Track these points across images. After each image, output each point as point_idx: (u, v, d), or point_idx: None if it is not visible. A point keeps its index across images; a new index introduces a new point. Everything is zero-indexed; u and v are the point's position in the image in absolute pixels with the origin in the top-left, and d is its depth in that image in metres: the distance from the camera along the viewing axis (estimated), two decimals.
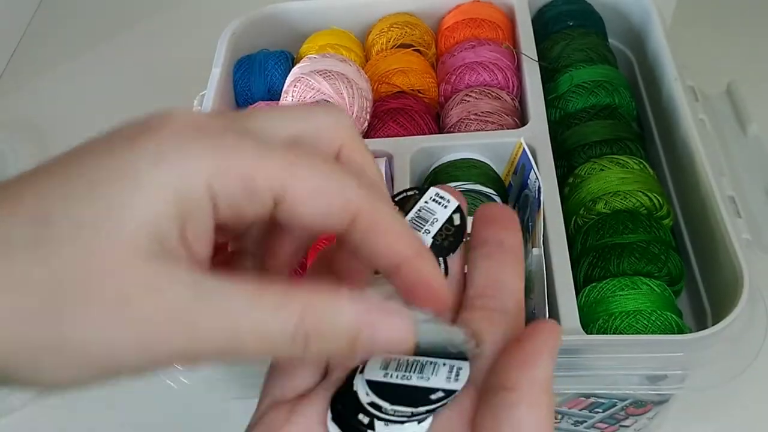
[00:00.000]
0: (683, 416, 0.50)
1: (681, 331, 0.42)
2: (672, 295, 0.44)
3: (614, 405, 0.45)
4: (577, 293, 0.44)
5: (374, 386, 0.22)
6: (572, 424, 0.48)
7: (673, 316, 0.43)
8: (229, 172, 0.19)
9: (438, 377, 0.22)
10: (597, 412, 0.47)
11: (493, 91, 0.55)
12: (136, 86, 0.82)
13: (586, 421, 0.48)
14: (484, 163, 0.52)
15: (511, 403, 0.20)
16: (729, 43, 0.74)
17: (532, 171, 0.47)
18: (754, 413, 0.51)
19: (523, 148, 0.49)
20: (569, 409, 0.46)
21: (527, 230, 0.47)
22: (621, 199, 0.47)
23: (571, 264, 0.44)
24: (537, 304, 0.43)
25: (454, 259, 0.25)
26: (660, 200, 0.48)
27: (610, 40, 0.62)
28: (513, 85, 0.56)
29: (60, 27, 0.92)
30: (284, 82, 0.55)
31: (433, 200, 0.26)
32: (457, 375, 0.22)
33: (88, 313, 0.18)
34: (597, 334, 0.43)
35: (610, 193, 0.48)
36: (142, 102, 0.80)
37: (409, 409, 0.21)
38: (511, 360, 0.21)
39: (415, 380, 0.22)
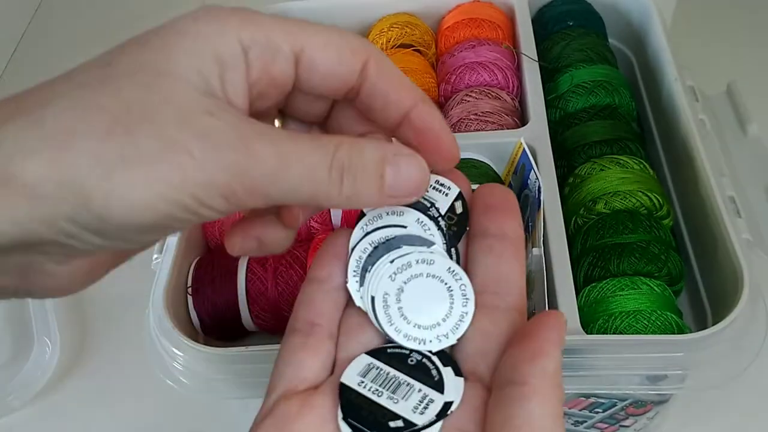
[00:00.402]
0: (683, 416, 0.50)
1: (681, 331, 0.42)
2: (672, 295, 0.44)
3: (614, 405, 0.45)
4: (577, 293, 0.44)
5: (343, 392, 0.22)
6: (572, 424, 0.48)
7: (673, 316, 0.43)
8: (254, 28, 0.22)
9: (407, 403, 0.22)
10: (597, 412, 0.47)
11: (493, 91, 0.55)
12: None
13: (586, 421, 0.48)
14: (484, 163, 0.52)
15: (522, 397, 0.20)
16: (729, 43, 0.74)
17: (532, 171, 0.47)
18: (754, 413, 0.51)
19: (523, 148, 0.49)
20: (569, 409, 0.46)
21: (527, 230, 0.47)
22: (621, 199, 0.47)
23: (571, 264, 0.44)
24: (537, 305, 0.43)
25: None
26: (660, 200, 0.48)
27: (610, 40, 0.62)
28: (513, 85, 0.56)
29: (60, 27, 0.92)
30: None
31: (433, 188, 0.26)
32: (426, 408, 0.22)
33: (153, 130, 0.20)
34: (597, 334, 0.43)
35: (610, 193, 0.48)
36: None
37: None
38: (521, 354, 0.21)
39: (384, 399, 0.22)
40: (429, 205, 0.25)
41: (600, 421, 0.48)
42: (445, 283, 0.23)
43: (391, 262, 0.23)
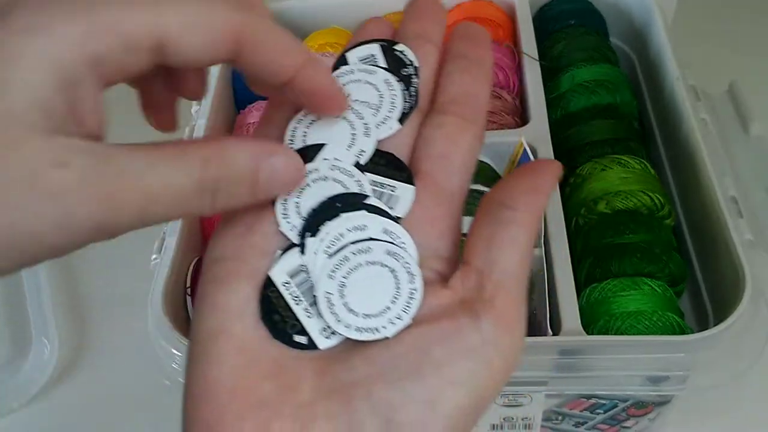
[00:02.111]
0: (685, 417, 0.50)
1: (683, 332, 0.42)
2: (673, 295, 0.44)
3: (615, 406, 0.45)
4: (578, 293, 0.43)
5: (265, 287, 0.22)
6: (573, 425, 0.48)
7: (675, 316, 0.42)
8: (102, 30, 0.19)
9: (318, 320, 0.22)
10: (598, 413, 0.46)
11: (494, 91, 0.54)
12: None
13: (587, 422, 0.48)
14: (485, 162, 0.51)
15: (512, 220, 0.22)
16: (731, 43, 0.74)
17: None
18: (755, 414, 0.51)
19: (524, 148, 0.49)
20: (570, 410, 0.46)
21: None
22: (622, 198, 0.47)
23: (572, 264, 0.44)
24: (538, 305, 0.43)
25: (426, 67, 0.26)
26: (661, 200, 0.47)
27: (611, 39, 0.61)
28: (514, 85, 0.56)
29: None
30: None
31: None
32: (332, 333, 0.22)
33: None
34: (598, 334, 0.42)
35: (611, 192, 0.47)
36: None
37: None
38: (519, 184, 0.23)
39: (300, 309, 0.22)
40: (408, 62, 0.26)
41: (601, 422, 0.47)
42: (387, 266, 0.23)
43: (329, 257, 0.23)
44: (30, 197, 0.18)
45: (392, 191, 0.24)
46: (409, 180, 0.24)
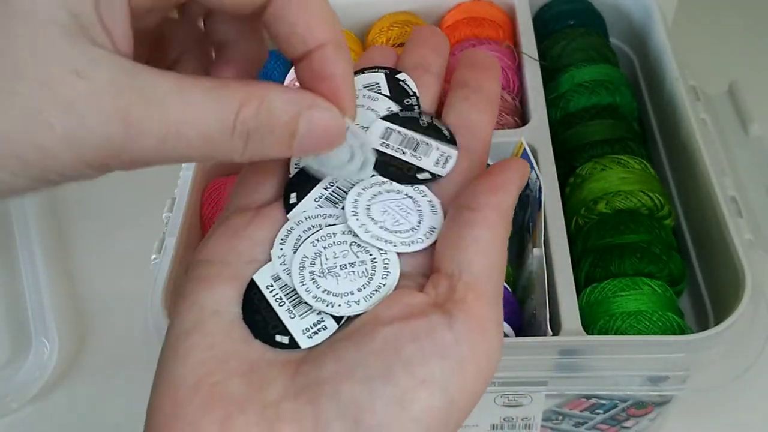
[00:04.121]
0: (685, 417, 0.50)
1: (682, 332, 0.42)
2: (673, 295, 0.44)
3: (615, 406, 0.45)
4: (578, 294, 0.43)
5: (248, 290, 0.23)
6: (573, 425, 0.48)
7: (675, 316, 0.42)
8: None
9: (301, 322, 0.22)
10: (598, 414, 0.46)
11: None
12: None
13: (587, 422, 0.48)
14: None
15: (474, 222, 0.22)
16: (731, 43, 0.74)
17: (533, 171, 0.47)
18: (756, 413, 0.51)
19: (524, 148, 0.48)
20: (570, 410, 0.46)
21: (528, 230, 0.47)
22: (622, 199, 0.47)
23: (572, 264, 0.44)
24: (537, 305, 0.43)
25: (426, 97, 0.26)
26: (661, 200, 0.47)
27: (611, 39, 0.61)
28: (514, 85, 0.56)
29: None
30: (284, 82, 0.55)
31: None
32: (317, 332, 0.22)
33: (10, 100, 0.17)
34: (598, 334, 0.42)
35: (611, 192, 0.47)
36: None
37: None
38: (481, 186, 0.23)
39: (282, 310, 0.22)
40: (411, 93, 0.26)
41: (601, 422, 0.47)
42: (370, 254, 0.23)
43: (315, 243, 0.23)
44: (41, 102, 0.17)
45: (441, 152, 0.25)
46: (452, 142, 0.26)
